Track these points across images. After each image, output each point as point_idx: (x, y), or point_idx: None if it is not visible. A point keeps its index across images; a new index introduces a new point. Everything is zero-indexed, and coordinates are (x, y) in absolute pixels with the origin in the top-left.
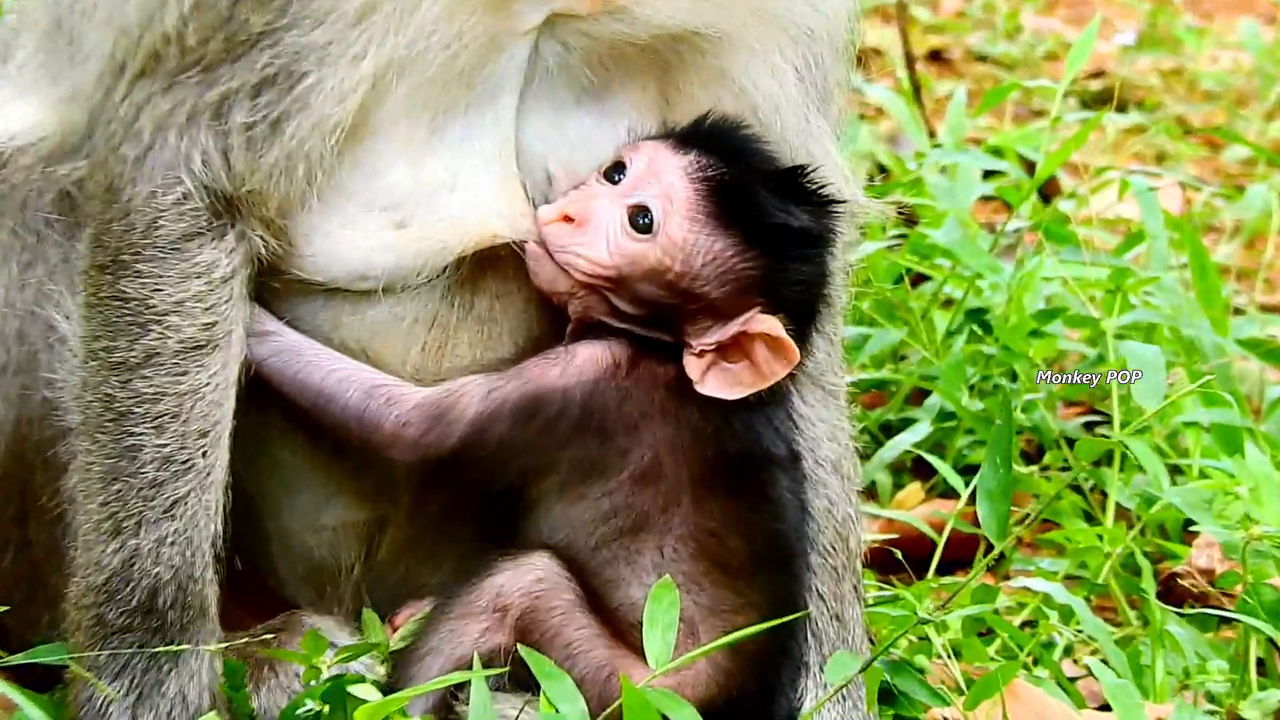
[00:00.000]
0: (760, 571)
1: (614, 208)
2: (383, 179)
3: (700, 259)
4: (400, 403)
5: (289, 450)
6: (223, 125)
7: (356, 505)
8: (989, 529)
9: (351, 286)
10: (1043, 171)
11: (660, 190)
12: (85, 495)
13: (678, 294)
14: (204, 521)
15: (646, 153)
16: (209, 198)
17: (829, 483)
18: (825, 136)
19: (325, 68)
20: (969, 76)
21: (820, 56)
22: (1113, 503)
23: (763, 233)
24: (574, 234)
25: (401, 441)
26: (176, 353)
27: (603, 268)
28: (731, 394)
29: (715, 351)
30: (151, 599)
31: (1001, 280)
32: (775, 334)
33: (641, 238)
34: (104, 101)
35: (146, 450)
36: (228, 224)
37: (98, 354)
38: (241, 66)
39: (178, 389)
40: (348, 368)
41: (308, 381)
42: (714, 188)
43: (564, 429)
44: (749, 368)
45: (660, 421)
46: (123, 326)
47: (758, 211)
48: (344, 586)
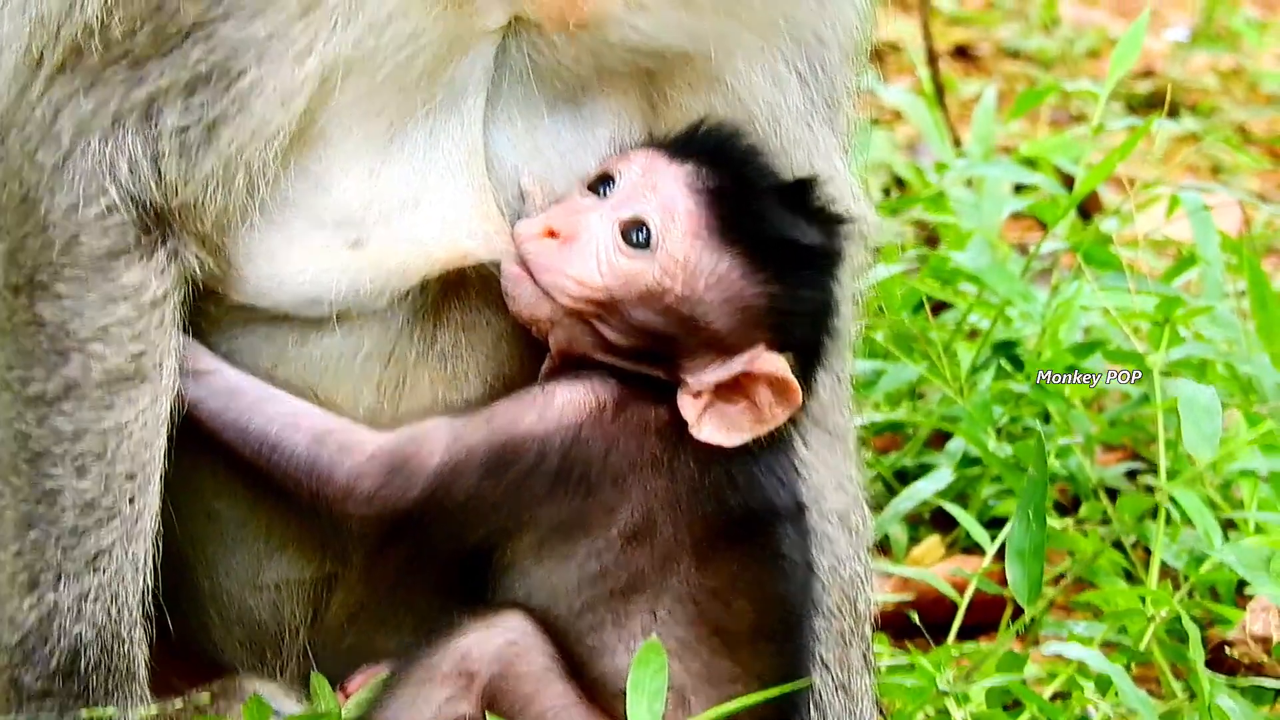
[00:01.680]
0: (763, 639)
1: (605, 222)
2: (334, 192)
3: (704, 281)
4: (354, 450)
5: (225, 499)
6: (152, 129)
7: (302, 562)
8: (1019, 592)
9: (298, 314)
10: (1083, 186)
11: (659, 203)
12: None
13: (677, 322)
14: (131, 575)
15: (639, 162)
16: (136, 211)
17: (835, 537)
18: (832, 150)
19: (266, 65)
20: (998, 75)
21: (827, 62)
22: (1157, 560)
23: (771, 251)
24: (560, 251)
25: (356, 495)
26: (100, 384)
27: (593, 289)
28: (729, 440)
29: (713, 392)
30: (72, 661)
31: (1034, 309)
32: (782, 375)
33: (638, 254)
34: (19, 100)
35: (66, 494)
36: (158, 240)
37: (11, 385)
38: (173, 62)
39: (101, 425)
40: (294, 410)
41: (249, 428)
42: (717, 200)
43: (541, 483)
44: (749, 410)
45: (651, 473)
46: (40, 355)
47: (765, 227)
48: (288, 651)
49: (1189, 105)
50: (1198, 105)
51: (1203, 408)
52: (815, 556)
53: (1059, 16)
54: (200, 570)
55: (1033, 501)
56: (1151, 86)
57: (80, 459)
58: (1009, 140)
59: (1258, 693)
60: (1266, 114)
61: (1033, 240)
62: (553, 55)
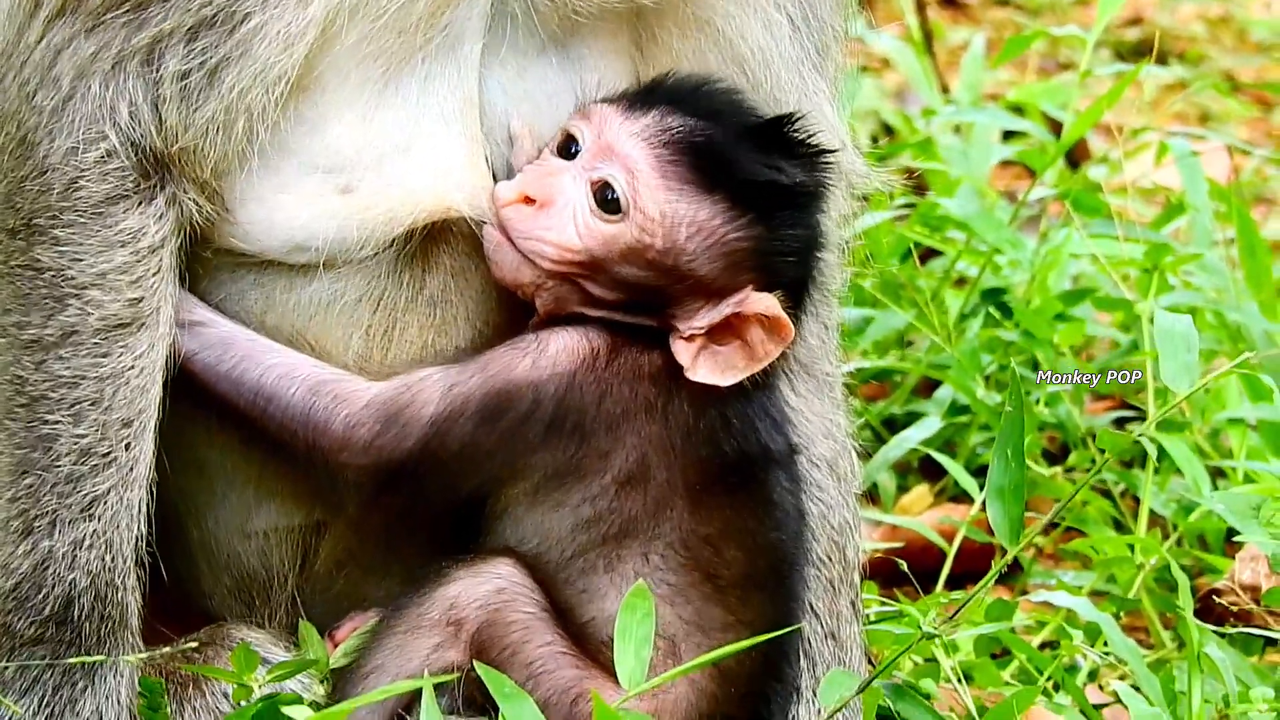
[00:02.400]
0: (754, 587)
1: (577, 185)
2: (326, 137)
3: (684, 231)
4: (349, 400)
5: (215, 448)
6: (154, 73)
7: (291, 509)
8: (1001, 531)
9: (287, 259)
10: (1071, 133)
11: (620, 163)
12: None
13: (663, 273)
14: (126, 523)
15: (596, 121)
16: (136, 155)
17: (824, 485)
18: (821, 95)
19: (270, 9)
20: (986, 23)
21: (818, 6)
22: (1145, 509)
23: (751, 193)
24: (537, 217)
25: (352, 445)
26: (98, 331)
27: (573, 252)
28: (724, 379)
29: (705, 335)
30: (66, 608)
31: (1023, 257)
32: (773, 314)
33: (613, 216)
34: (16, 41)
35: (62, 441)
36: (156, 186)
37: (7, 330)
38: (176, 6)
39: (98, 372)
40: (288, 362)
41: (244, 379)
42: (684, 150)
43: (536, 430)
44: (741, 349)
45: (645, 419)
46: (37, 300)
47: (742, 170)
48: (277, 599)
49: (1177, 53)
50: (1186, 53)
51: (1180, 337)
52: (806, 503)
53: None
54: (190, 518)
55: (1012, 441)
56: (1140, 34)
57: (77, 405)
58: (997, 88)
59: (1246, 642)
60: (1255, 61)
61: (1021, 187)
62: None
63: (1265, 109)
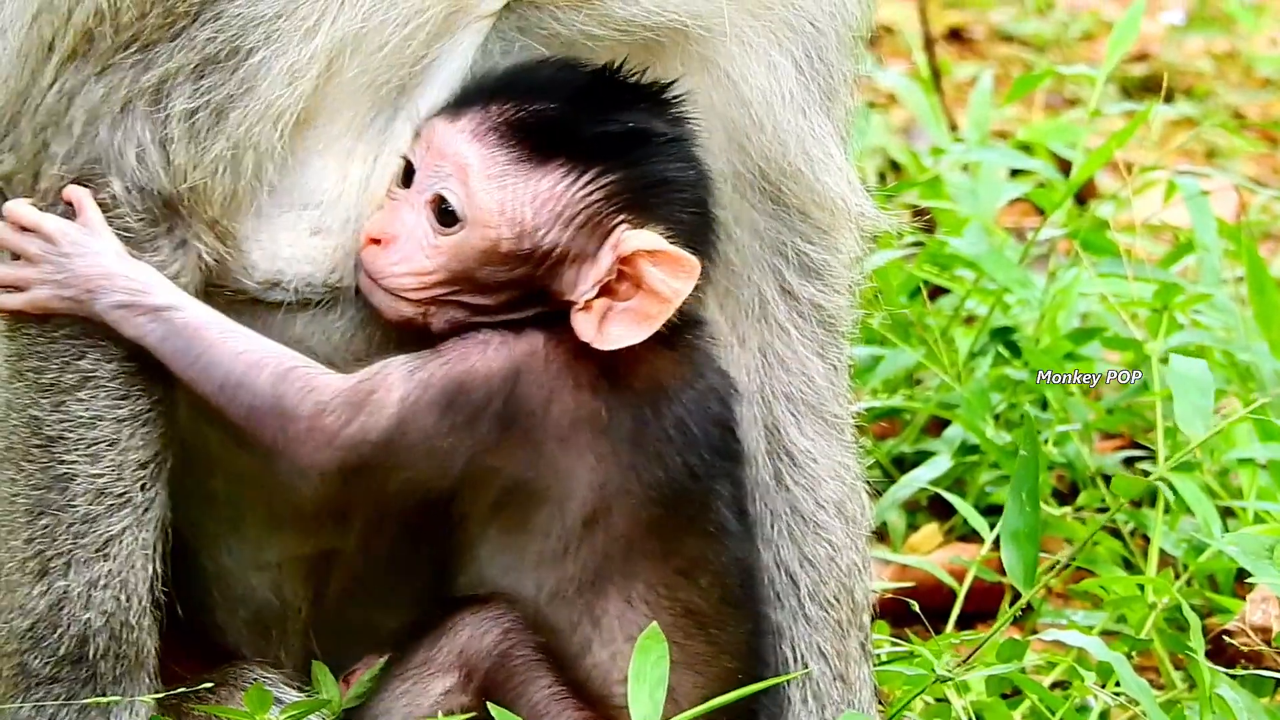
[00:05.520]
0: (728, 607)
1: (414, 211)
2: (307, 175)
3: (528, 211)
4: (318, 390)
5: (225, 479)
6: (162, 113)
7: (302, 537)
8: (1015, 575)
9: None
10: (1081, 173)
11: (450, 168)
12: (9, 530)
13: (527, 259)
14: (141, 562)
15: (425, 138)
16: (144, 201)
17: (831, 527)
18: (828, 138)
19: (273, 44)
20: (992, 58)
21: (825, 49)
22: (1156, 549)
23: (590, 148)
24: (387, 254)
25: (318, 434)
26: (116, 375)
27: (429, 275)
28: (642, 331)
29: (603, 296)
30: (81, 647)
31: (1032, 296)
32: (653, 246)
33: (455, 227)
34: (30, 84)
35: (79, 481)
36: (167, 230)
37: (25, 374)
38: (182, 44)
39: (116, 414)
40: (258, 349)
41: (212, 365)
42: (511, 131)
43: (490, 426)
44: (645, 296)
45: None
46: (55, 349)
47: (574, 131)
48: (292, 631)
49: (1184, 89)
50: (1193, 89)
51: (1195, 382)
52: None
53: (1054, 0)
54: (202, 552)
55: (1027, 485)
56: (1146, 70)
57: (95, 446)
58: (1004, 124)
59: (1257, 683)
60: (1261, 98)
61: (1029, 224)
62: (553, 28)
63: (1272, 145)
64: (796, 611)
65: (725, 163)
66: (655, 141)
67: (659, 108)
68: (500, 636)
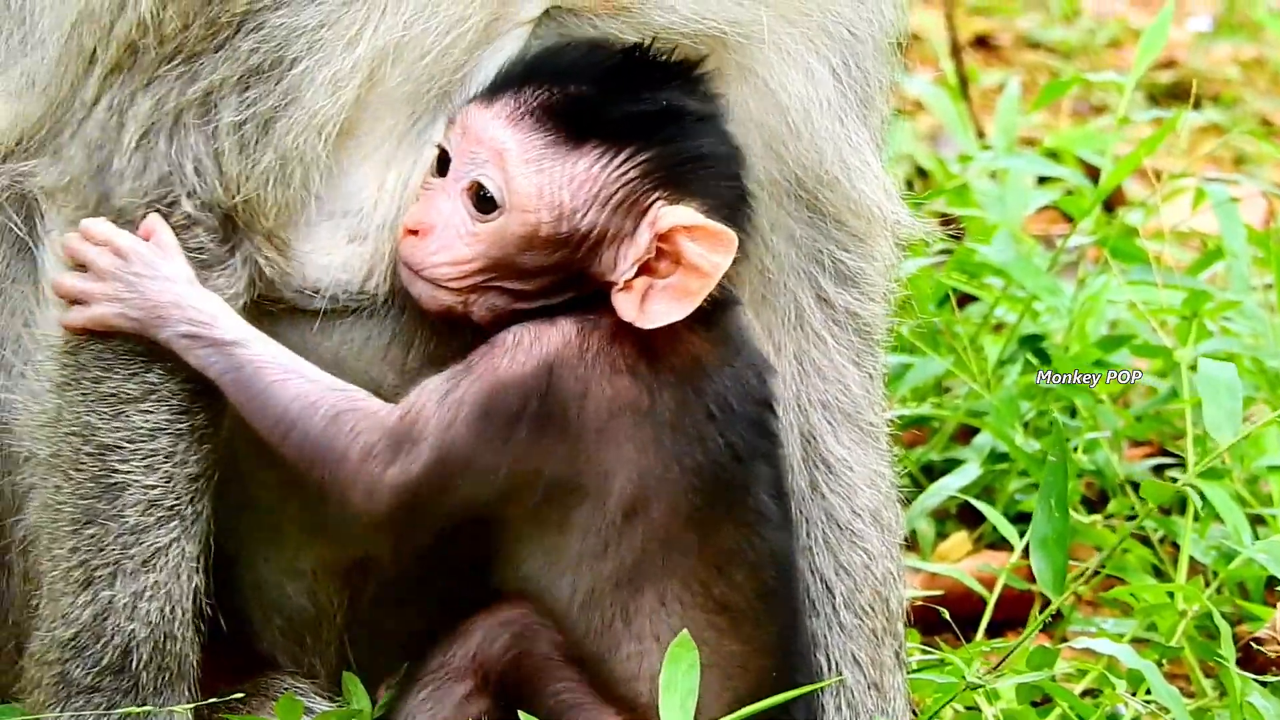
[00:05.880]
0: (763, 600)
1: (451, 200)
2: (348, 183)
3: (567, 194)
4: (366, 432)
5: (263, 487)
6: (210, 125)
7: (338, 546)
8: (1044, 582)
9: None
10: (1109, 181)
11: (486, 153)
12: (52, 539)
13: (566, 243)
14: (187, 574)
15: (459, 125)
16: (211, 216)
17: (867, 535)
18: (864, 145)
19: (316, 54)
20: (1019, 65)
21: (862, 56)
22: (1185, 556)
23: (623, 129)
24: (426, 244)
25: (365, 480)
26: (181, 390)
27: (469, 263)
28: (683, 308)
29: (642, 275)
30: (124, 657)
31: (1061, 303)
32: (690, 222)
33: (493, 214)
34: (70, 97)
35: (131, 491)
36: (234, 246)
37: (82, 382)
38: (226, 55)
39: (177, 427)
40: (315, 391)
41: (269, 404)
42: (545, 115)
43: (528, 429)
44: (685, 271)
45: (633, 425)
46: (120, 361)
47: (605, 112)
48: (327, 638)
49: (1210, 96)
50: (1220, 96)
51: (1224, 385)
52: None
53: (1080, 7)
54: (239, 559)
55: (1055, 492)
56: (1173, 77)
57: (151, 457)
58: (1031, 130)
59: None
60: None
61: (1057, 231)
62: (592, 35)
63: None
64: (831, 619)
65: (762, 170)
66: (687, 118)
67: (689, 86)
68: (513, 639)
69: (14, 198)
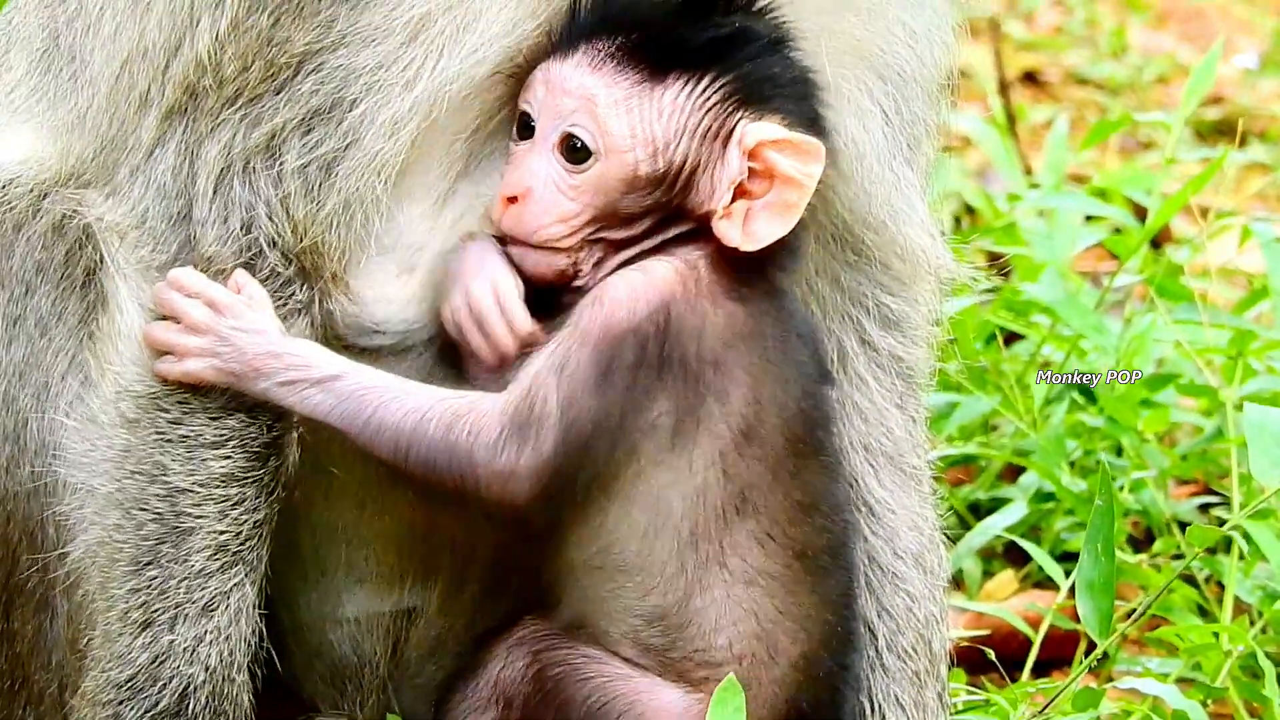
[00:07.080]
0: (830, 554)
1: (544, 158)
2: (400, 219)
3: (658, 129)
4: (486, 429)
5: (311, 533)
6: (275, 168)
7: (383, 595)
8: (1090, 624)
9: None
10: (1157, 219)
11: (575, 103)
12: (107, 578)
13: (663, 180)
14: (246, 619)
15: (539, 81)
16: (289, 265)
17: (910, 578)
18: (911, 189)
19: (375, 95)
20: (1067, 101)
21: (911, 100)
22: (1230, 596)
23: (701, 57)
24: (529, 209)
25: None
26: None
27: (576, 217)
28: (786, 222)
29: (739, 199)
30: (180, 701)
31: (1107, 342)
32: (775, 136)
33: (589, 163)
34: (124, 136)
35: (199, 535)
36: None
37: (156, 423)
38: (287, 96)
39: (252, 474)
40: (424, 403)
41: (382, 429)
42: (625, 57)
43: (649, 376)
44: (782, 185)
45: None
46: (201, 405)
47: (681, 42)
48: (369, 686)
49: (1257, 133)
50: (1266, 133)
51: (1271, 433)
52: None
53: (1128, 43)
54: (280, 604)
55: (1101, 534)
56: (1220, 113)
57: (224, 503)
58: (1079, 167)
59: None
60: None
61: (1103, 269)
62: None
63: None
64: (874, 662)
65: (808, 213)
66: (760, 40)
67: (756, 12)
68: (530, 656)
69: (55, 232)
